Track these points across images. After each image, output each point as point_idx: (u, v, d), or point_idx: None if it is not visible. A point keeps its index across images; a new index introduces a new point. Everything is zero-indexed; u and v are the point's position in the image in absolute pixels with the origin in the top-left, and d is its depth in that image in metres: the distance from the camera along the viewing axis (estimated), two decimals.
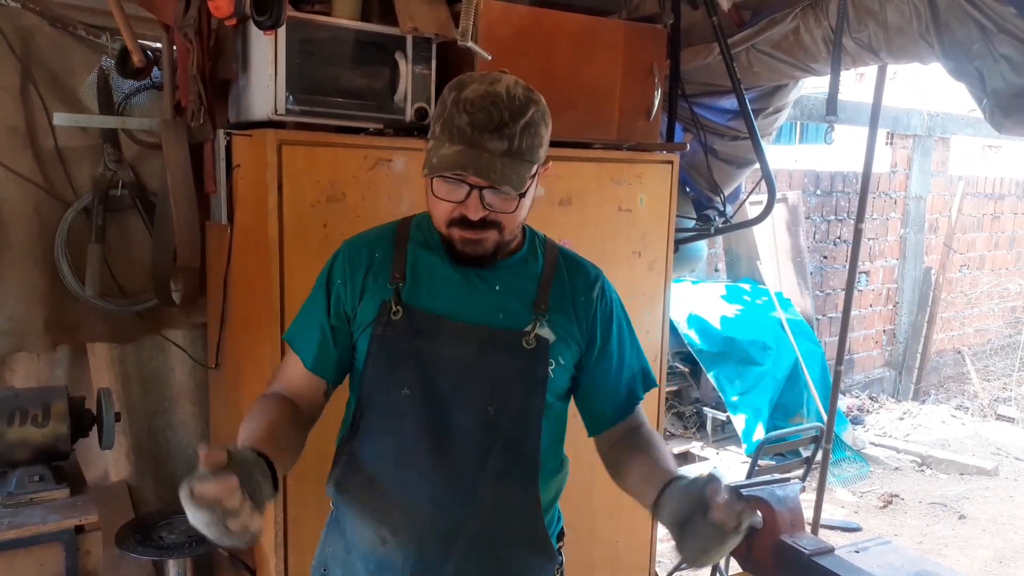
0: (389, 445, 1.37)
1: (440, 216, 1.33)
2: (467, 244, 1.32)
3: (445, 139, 1.26)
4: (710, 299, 5.37)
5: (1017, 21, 2.07)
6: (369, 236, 1.47)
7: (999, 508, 5.05)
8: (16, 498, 1.88)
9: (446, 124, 1.27)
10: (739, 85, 2.64)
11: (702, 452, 5.16)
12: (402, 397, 1.35)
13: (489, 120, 1.24)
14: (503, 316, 1.38)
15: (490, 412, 1.35)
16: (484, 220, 1.29)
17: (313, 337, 1.41)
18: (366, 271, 1.41)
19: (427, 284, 1.38)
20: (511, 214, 1.31)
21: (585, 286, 1.46)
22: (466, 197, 1.28)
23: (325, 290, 1.43)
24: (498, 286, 1.39)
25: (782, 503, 2.17)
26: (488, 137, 1.24)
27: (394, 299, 1.36)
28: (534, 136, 1.28)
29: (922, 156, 7.44)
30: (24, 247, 2.31)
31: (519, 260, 1.43)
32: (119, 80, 2.40)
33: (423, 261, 1.40)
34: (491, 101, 1.25)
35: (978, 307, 8.50)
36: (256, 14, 1.84)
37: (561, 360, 1.40)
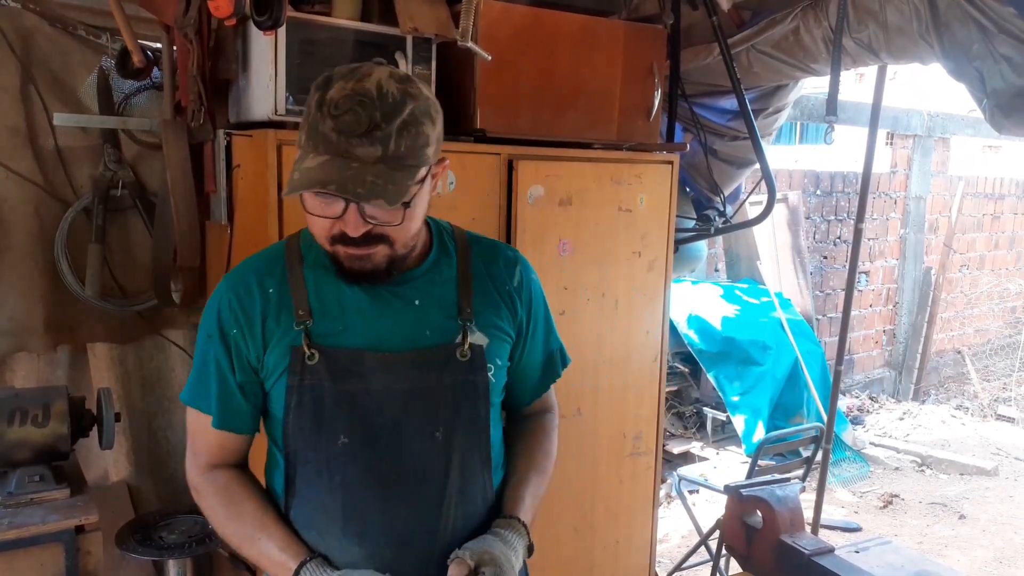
0: (333, 502, 1.24)
1: (319, 234, 1.19)
2: (354, 261, 1.19)
3: (310, 149, 1.11)
4: (710, 299, 5.37)
5: (1017, 21, 2.07)
6: (254, 268, 1.29)
7: (999, 508, 5.05)
8: (16, 498, 1.88)
9: (310, 131, 1.11)
10: (739, 85, 2.64)
11: (702, 452, 5.16)
12: (339, 448, 1.22)
13: (357, 123, 1.08)
14: (430, 333, 1.26)
15: (438, 437, 1.26)
16: (368, 235, 1.15)
17: (220, 396, 1.26)
18: (263, 316, 1.23)
19: (338, 316, 1.24)
20: (399, 227, 1.16)
21: (506, 273, 1.37)
22: (343, 212, 1.13)
23: (220, 343, 1.25)
24: (417, 300, 1.27)
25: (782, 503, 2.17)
26: (358, 143, 1.08)
27: (305, 342, 1.21)
28: (416, 136, 1.12)
29: (922, 156, 7.44)
30: (24, 247, 2.31)
31: (431, 264, 1.31)
32: (119, 80, 2.40)
33: (327, 288, 1.25)
34: (358, 101, 1.08)
35: (978, 307, 8.50)
36: (256, 14, 1.84)
37: (499, 361, 1.33)
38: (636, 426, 2.56)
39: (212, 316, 1.27)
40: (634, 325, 2.51)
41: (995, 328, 8.80)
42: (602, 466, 2.48)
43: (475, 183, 2.17)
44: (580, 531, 2.46)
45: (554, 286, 2.30)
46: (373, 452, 1.23)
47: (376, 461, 1.23)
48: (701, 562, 3.57)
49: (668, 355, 2.70)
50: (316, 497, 1.25)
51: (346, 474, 1.23)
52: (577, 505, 2.44)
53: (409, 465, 1.24)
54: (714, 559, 3.17)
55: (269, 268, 1.27)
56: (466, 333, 1.28)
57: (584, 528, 2.47)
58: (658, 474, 2.66)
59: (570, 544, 2.46)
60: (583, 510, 2.44)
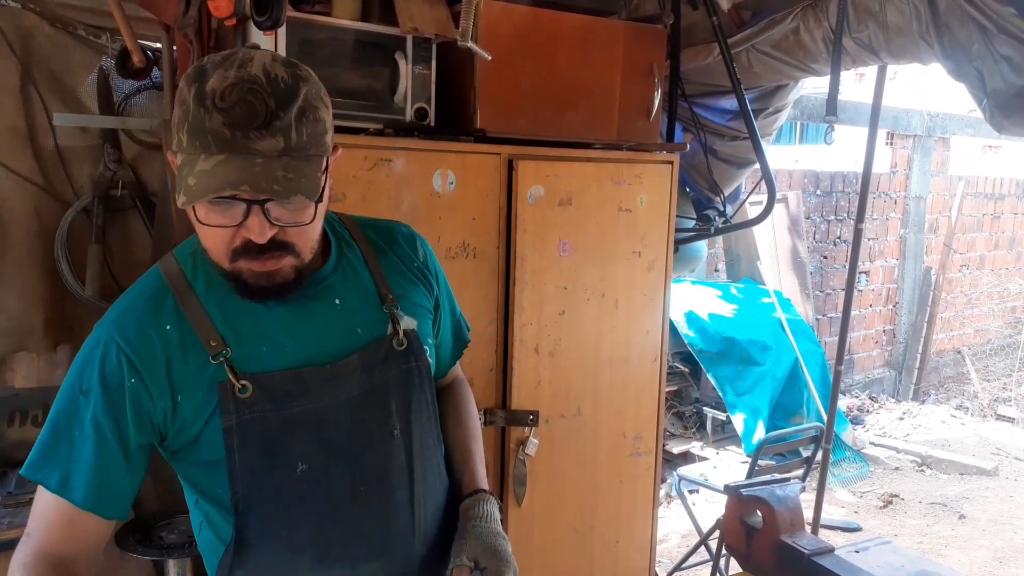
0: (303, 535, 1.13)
1: (217, 249, 1.03)
2: (261, 277, 1.05)
3: (198, 150, 0.95)
4: (710, 299, 5.37)
5: (1017, 21, 2.07)
6: (137, 305, 1.11)
7: (999, 508, 5.05)
8: (16, 498, 1.88)
9: (194, 131, 0.96)
10: (739, 85, 2.64)
11: (702, 452, 5.16)
12: (298, 476, 1.11)
13: (252, 114, 0.95)
14: (361, 330, 1.18)
15: (396, 435, 1.19)
16: (274, 242, 1.02)
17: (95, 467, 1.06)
18: (166, 359, 1.07)
19: (258, 337, 1.10)
20: (307, 227, 1.05)
21: (408, 250, 1.31)
22: (245, 217, 0.99)
23: (104, 400, 1.05)
24: (336, 299, 1.17)
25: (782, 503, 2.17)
26: (256, 136, 0.95)
27: (231, 375, 1.07)
28: (315, 122, 1.01)
29: (922, 156, 7.44)
30: (24, 247, 2.31)
31: (336, 259, 1.20)
32: (119, 80, 2.40)
33: (234, 309, 1.10)
34: (247, 89, 0.96)
35: (978, 307, 8.51)
36: (256, 14, 1.84)
37: (430, 340, 1.29)
38: (636, 426, 2.56)
39: (91, 369, 1.07)
40: (634, 325, 2.51)
41: (995, 328, 8.80)
42: (602, 466, 2.48)
43: (475, 183, 2.17)
44: (580, 531, 2.46)
45: (554, 286, 2.30)
46: (336, 470, 1.14)
47: (341, 478, 1.14)
48: (701, 562, 3.57)
49: (668, 355, 2.70)
50: (281, 536, 1.13)
51: (312, 501, 1.13)
52: (577, 505, 2.44)
53: (374, 472, 1.17)
54: (714, 559, 3.17)
55: (158, 305, 1.10)
56: (396, 320, 1.21)
57: (584, 528, 2.47)
58: (658, 474, 2.66)
59: (570, 544, 2.45)
60: (583, 510, 2.44)
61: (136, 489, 1.12)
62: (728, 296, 5.49)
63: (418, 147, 2.10)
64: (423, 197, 2.09)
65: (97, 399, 1.06)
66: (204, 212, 0.99)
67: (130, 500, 1.12)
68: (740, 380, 5.12)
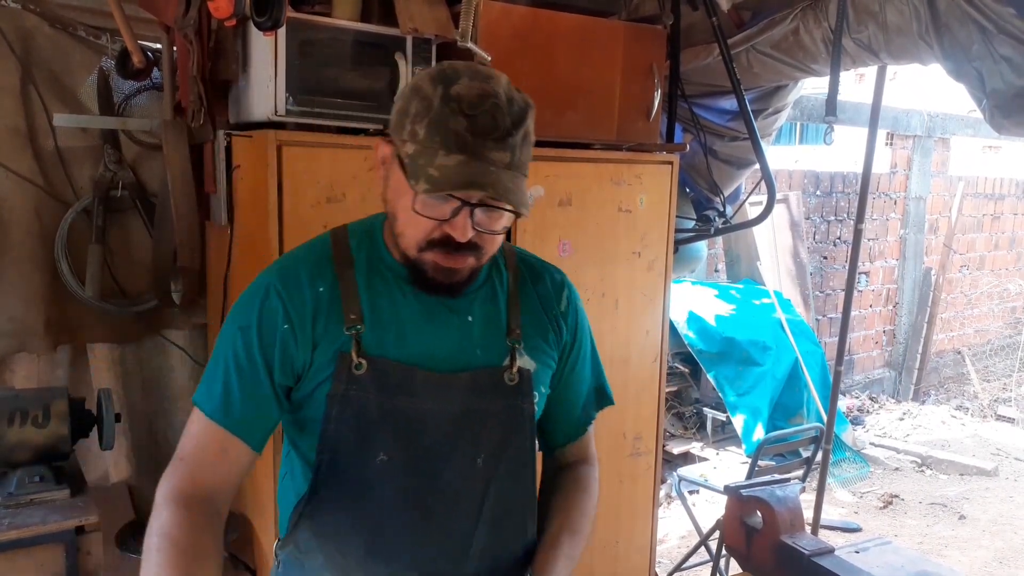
0: (365, 516, 1.17)
1: (415, 236, 1.11)
2: (440, 271, 1.12)
3: (436, 145, 1.04)
4: (710, 299, 5.37)
5: (1017, 22, 2.08)
6: (301, 262, 1.20)
7: (999, 509, 5.05)
8: (16, 499, 1.88)
9: (436, 126, 1.05)
10: (739, 86, 2.64)
11: (702, 452, 5.16)
12: (377, 465, 1.15)
13: (493, 127, 1.04)
14: (481, 352, 1.20)
15: (479, 464, 1.19)
16: (469, 243, 1.10)
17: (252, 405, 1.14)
18: (314, 313, 1.15)
19: (392, 326, 1.16)
20: (497, 236, 1.13)
21: (553, 296, 1.31)
22: (453, 215, 1.07)
23: (257, 338, 1.14)
24: (469, 316, 1.20)
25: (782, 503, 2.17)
26: (492, 146, 1.04)
27: (355, 349, 1.13)
28: (530, 147, 1.11)
29: (922, 157, 7.44)
30: (24, 248, 2.31)
31: (484, 279, 1.24)
32: (119, 81, 2.40)
33: (380, 293, 1.17)
34: (493, 103, 1.05)
35: (978, 308, 8.51)
36: (256, 15, 1.85)
37: (543, 388, 1.26)
38: (636, 426, 2.56)
39: (252, 309, 1.15)
40: (634, 325, 2.51)
41: (995, 328, 8.80)
42: (602, 466, 2.45)
43: None
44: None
45: None
46: (412, 473, 1.16)
47: (414, 483, 1.17)
48: (701, 562, 3.57)
49: (668, 355, 2.70)
50: (343, 512, 1.18)
51: (381, 493, 1.16)
52: None
53: (445, 491, 1.18)
54: (714, 559, 3.17)
55: (318, 267, 1.18)
56: (515, 355, 1.21)
57: None
58: (658, 474, 2.66)
59: None
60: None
61: (274, 427, 1.19)
62: (728, 296, 5.49)
63: None
64: None
65: (253, 336, 1.14)
66: (421, 204, 1.07)
67: (269, 435, 1.18)
68: (740, 380, 5.12)
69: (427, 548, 1.19)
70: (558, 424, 1.36)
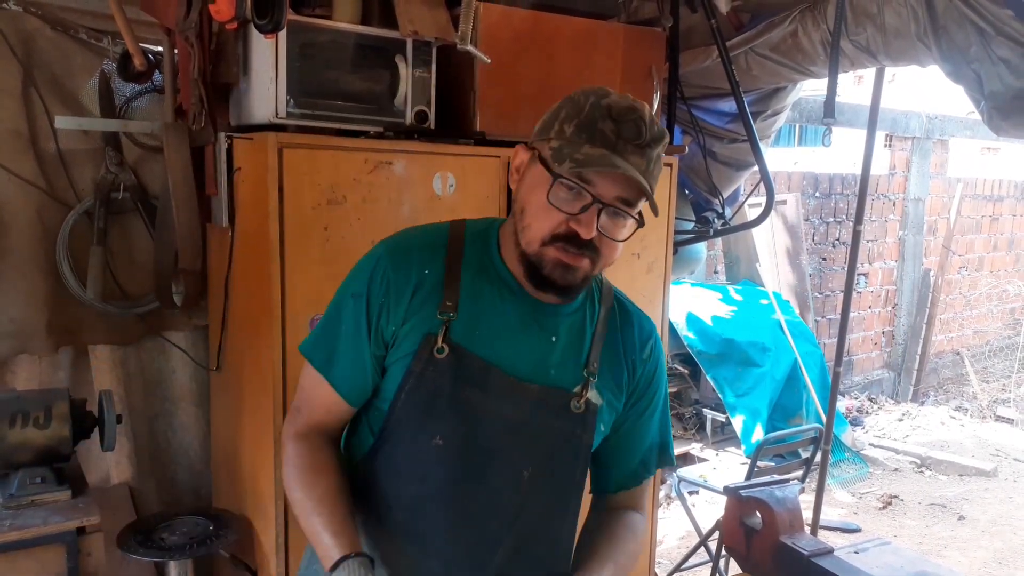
0: (407, 492, 1.23)
1: (543, 228, 1.15)
2: (558, 269, 1.16)
3: (583, 140, 1.12)
4: (709, 301, 5.38)
5: (1015, 24, 2.08)
6: (416, 243, 1.26)
7: (998, 509, 5.05)
8: (18, 500, 1.88)
9: (584, 125, 1.13)
10: (738, 88, 2.65)
11: (702, 453, 5.17)
12: (432, 446, 1.20)
13: (637, 134, 1.12)
14: (554, 372, 1.23)
15: (524, 476, 1.22)
16: (591, 244, 1.15)
17: (352, 365, 1.24)
18: (413, 291, 1.21)
19: (482, 323, 1.21)
20: (614, 245, 1.18)
21: (638, 345, 1.33)
22: (582, 210, 1.13)
23: (364, 305, 1.22)
24: (554, 336, 1.24)
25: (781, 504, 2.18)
26: (632, 150, 1.12)
27: (442, 334, 1.19)
28: (660, 171, 1.18)
29: (921, 158, 7.45)
30: (26, 250, 2.31)
31: (578, 306, 1.28)
32: (120, 83, 2.40)
33: (480, 291, 1.22)
34: (638, 115, 1.13)
35: (977, 309, 8.51)
36: (257, 18, 1.85)
37: (602, 427, 1.28)
38: None
39: (363, 277, 1.23)
40: None
41: (994, 329, 8.81)
42: None
43: (475, 186, 2.18)
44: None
45: None
46: (460, 465, 1.20)
47: (460, 475, 1.21)
48: (701, 563, 3.58)
49: (668, 357, 2.70)
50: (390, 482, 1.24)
51: (428, 474, 1.21)
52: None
53: (486, 491, 1.22)
54: (713, 560, 3.17)
55: (430, 253, 1.24)
56: (587, 386, 1.24)
57: None
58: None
59: None
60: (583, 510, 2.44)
61: (371, 389, 1.26)
62: (727, 298, 5.49)
63: (418, 150, 2.10)
64: (423, 200, 2.10)
65: (360, 302, 1.22)
66: (559, 192, 1.13)
67: (366, 395, 1.26)
68: (739, 381, 5.12)
69: (454, 545, 1.22)
70: (615, 470, 1.38)
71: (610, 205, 1.13)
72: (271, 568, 2.06)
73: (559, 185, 1.12)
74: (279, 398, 1.97)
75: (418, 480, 1.22)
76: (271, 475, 1.99)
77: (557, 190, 1.13)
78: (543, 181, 1.14)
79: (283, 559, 2.03)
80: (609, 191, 1.12)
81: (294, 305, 1.96)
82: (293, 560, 2.03)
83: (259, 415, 2.08)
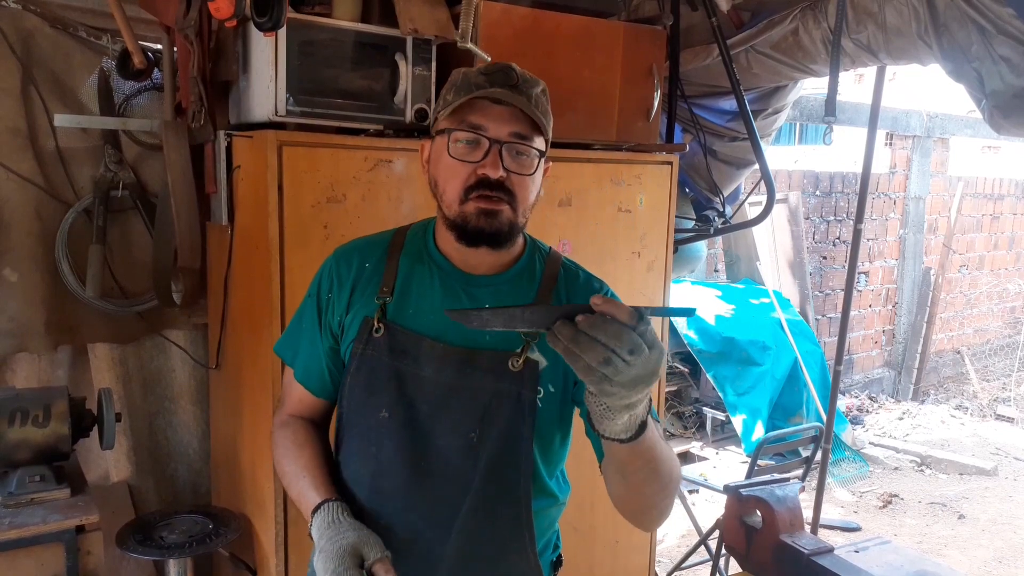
0: (365, 469, 1.29)
1: (456, 186, 1.22)
2: (481, 217, 1.21)
3: (460, 96, 1.21)
4: (710, 299, 5.38)
5: (1016, 23, 2.08)
6: (361, 243, 1.39)
7: (998, 508, 5.05)
8: (17, 498, 1.88)
9: (459, 87, 1.23)
10: (738, 86, 2.64)
11: (702, 452, 5.17)
12: (380, 420, 1.27)
13: (507, 77, 1.21)
14: (490, 338, 1.26)
15: (472, 438, 1.25)
16: (502, 185, 1.20)
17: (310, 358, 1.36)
18: (354, 283, 1.33)
19: (414, 300, 1.30)
20: (527, 180, 1.23)
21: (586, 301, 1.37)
22: (484, 155, 1.20)
23: (315, 304, 1.35)
24: (487, 303, 1.29)
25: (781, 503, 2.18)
26: (508, 92, 1.20)
27: (378, 315, 1.28)
28: (546, 109, 1.26)
29: (921, 157, 7.45)
30: (25, 248, 2.31)
31: (515, 273, 1.33)
32: (120, 81, 2.40)
33: (415, 275, 1.32)
34: (508, 67, 1.23)
35: (977, 307, 8.51)
36: (256, 16, 1.85)
37: (551, 387, 1.29)
38: None
39: (316, 279, 1.38)
40: None
41: (994, 328, 8.81)
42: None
43: None
44: (580, 531, 2.46)
45: None
46: (408, 434, 1.26)
47: (409, 443, 1.26)
48: (701, 561, 3.58)
49: (668, 355, 2.70)
50: (354, 460, 1.32)
51: (382, 446, 1.28)
52: (577, 505, 2.43)
53: (438, 458, 1.26)
54: (714, 559, 3.17)
55: (372, 249, 1.36)
56: (526, 348, 1.26)
57: (584, 528, 2.47)
58: None
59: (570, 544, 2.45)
60: (583, 510, 2.44)
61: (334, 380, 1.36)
62: (728, 296, 5.49)
63: (418, 148, 2.10)
64: (423, 198, 2.10)
65: (312, 300, 1.36)
66: (456, 146, 1.21)
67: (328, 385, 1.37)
68: (740, 380, 5.12)
69: (416, 512, 1.27)
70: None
71: (507, 142, 1.20)
72: (270, 566, 2.06)
73: (455, 141, 1.21)
74: (278, 396, 1.97)
75: (372, 457, 1.29)
76: (270, 473, 1.99)
77: (455, 146, 1.21)
78: (442, 147, 1.23)
79: (283, 557, 2.03)
80: (501, 129, 1.20)
81: (293, 303, 1.95)
82: (293, 559, 2.03)
83: (258, 413, 2.08)
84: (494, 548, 1.29)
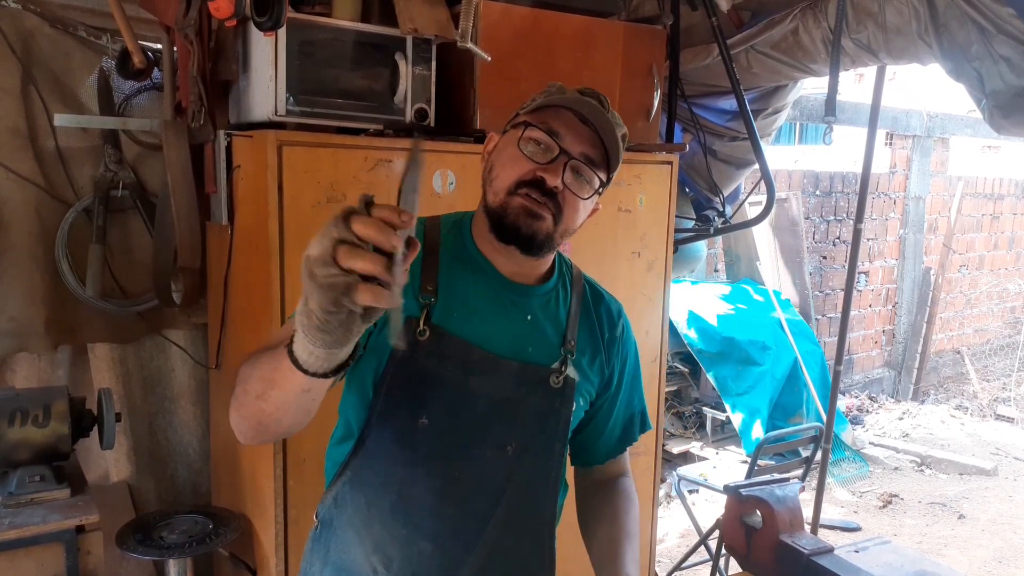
0: (395, 474, 1.25)
1: (510, 176, 1.20)
2: (522, 215, 1.19)
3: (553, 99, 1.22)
4: (709, 299, 5.38)
5: (1016, 22, 2.08)
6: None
7: (998, 508, 5.05)
8: (17, 498, 1.88)
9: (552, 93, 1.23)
10: (738, 86, 2.64)
11: (702, 452, 5.16)
12: (418, 426, 1.23)
13: (599, 104, 1.21)
14: (532, 350, 1.27)
15: (508, 452, 1.25)
16: (554, 195, 1.19)
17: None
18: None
19: (461, 305, 1.25)
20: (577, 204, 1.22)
21: (609, 324, 1.39)
22: (550, 161, 1.19)
23: None
24: (529, 315, 1.28)
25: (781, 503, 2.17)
26: (597, 114, 1.20)
27: (423, 317, 1.22)
28: (621, 150, 1.24)
29: (921, 156, 7.45)
30: (25, 248, 2.31)
31: (551, 288, 1.33)
32: (120, 81, 2.40)
33: (457, 276, 1.27)
34: (593, 92, 1.23)
35: (977, 307, 8.51)
36: (256, 15, 1.85)
37: (580, 402, 1.33)
38: None
39: None
40: (634, 325, 2.50)
41: (994, 328, 8.81)
42: None
43: (475, 184, 2.15)
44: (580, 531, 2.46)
45: None
46: (446, 443, 1.23)
47: (445, 453, 1.24)
48: (701, 562, 3.58)
49: (668, 355, 2.70)
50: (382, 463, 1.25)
51: (415, 454, 1.23)
52: None
53: (471, 469, 1.25)
54: (713, 559, 3.17)
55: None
56: (565, 362, 1.28)
57: None
58: (657, 474, 2.66)
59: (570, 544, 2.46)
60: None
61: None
62: (727, 296, 5.49)
63: None
64: (423, 198, 2.08)
65: None
66: (528, 141, 1.20)
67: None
68: (740, 380, 5.12)
69: (443, 523, 1.24)
70: (603, 441, 1.44)
71: (576, 159, 1.19)
72: (270, 566, 2.06)
73: (529, 137, 1.19)
74: None
75: (406, 461, 1.24)
76: (271, 473, 1.99)
77: (527, 142, 1.20)
78: (513, 139, 1.21)
79: (283, 557, 2.03)
80: (575, 146, 1.19)
81: (293, 303, 1.95)
82: (293, 558, 2.03)
83: None
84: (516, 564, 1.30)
